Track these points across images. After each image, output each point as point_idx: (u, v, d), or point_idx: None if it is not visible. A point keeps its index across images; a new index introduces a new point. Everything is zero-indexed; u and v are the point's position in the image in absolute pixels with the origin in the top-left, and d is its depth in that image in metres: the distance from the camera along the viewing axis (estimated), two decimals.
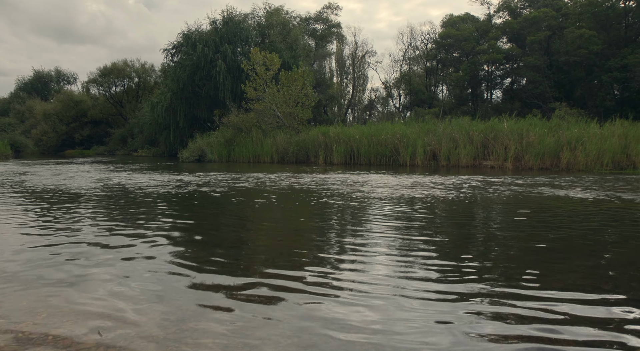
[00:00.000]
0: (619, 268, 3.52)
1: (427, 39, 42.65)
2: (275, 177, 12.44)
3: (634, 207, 6.78)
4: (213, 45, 30.47)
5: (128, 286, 3.11)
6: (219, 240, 4.62)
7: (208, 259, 3.79)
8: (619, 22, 32.23)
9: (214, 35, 31.06)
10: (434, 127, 19.73)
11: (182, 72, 30.76)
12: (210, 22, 32.37)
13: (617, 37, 31.83)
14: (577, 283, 3.14)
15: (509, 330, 2.37)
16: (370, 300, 2.80)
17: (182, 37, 32.46)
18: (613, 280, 3.22)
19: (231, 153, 23.69)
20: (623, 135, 16.03)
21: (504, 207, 6.94)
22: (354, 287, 3.05)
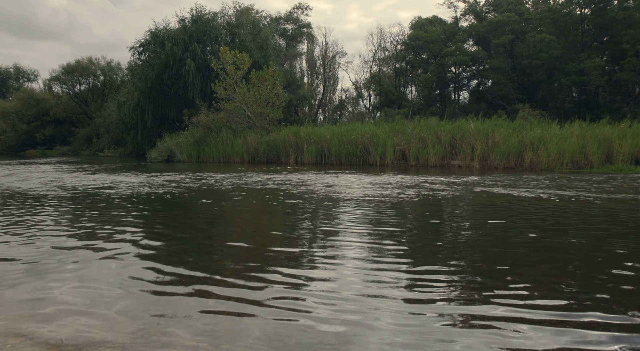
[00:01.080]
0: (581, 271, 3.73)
1: (396, 41, 43.28)
2: (246, 178, 12.40)
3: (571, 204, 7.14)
4: (182, 43, 30.02)
5: (92, 291, 3.02)
6: (188, 241, 4.57)
7: (176, 262, 3.73)
8: (576, 28, 33.64)
9: (182, 34, 30.60)
10: (404, 128, 20.07)
11: (150, 71, 30.16)
12: (179, 21, 31.90)
13: (574, 42, 33.20)
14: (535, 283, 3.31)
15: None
16: (342, 304, 2.80)
17: (149, 35, 31.83)
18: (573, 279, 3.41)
19: (201, 153, 23.41)
20: (581, 136, 16.75)
21: (462, 206, 7.17)
22: (325, 288, 3.08)
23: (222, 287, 3.06)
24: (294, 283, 3.14)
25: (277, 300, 2.80)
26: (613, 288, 3.03)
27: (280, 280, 3.22)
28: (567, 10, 33.34)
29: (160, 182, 11.03)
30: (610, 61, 32.62)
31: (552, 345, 2.21)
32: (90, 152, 39.63)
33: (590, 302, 2.77)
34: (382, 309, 2.63)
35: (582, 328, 2.41)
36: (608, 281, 3.18)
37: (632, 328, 2.40)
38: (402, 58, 41.05)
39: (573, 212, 6.38)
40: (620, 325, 2.44)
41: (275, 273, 3.37)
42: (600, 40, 33.62)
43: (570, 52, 31.78)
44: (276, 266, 3.58)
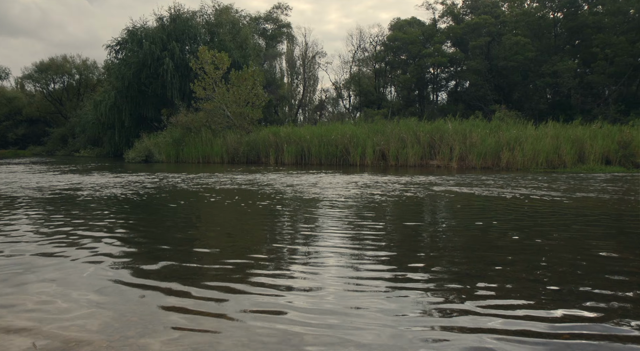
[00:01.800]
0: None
1: (375, 42, 43.63)
2: (225, 178, 12.34)
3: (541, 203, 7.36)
4: (160, 42, 29.64)
5: (67, 294, 2.94)
6: (165, 243, 4.51)
7: (154, 263, 3.68)
8: (549, 32, 34.54)
9: (161, 33, 30.21)
10: (383, 128, 20.25)
11: (127, 70, 29.68)
12: (157, 19, 31.48)
13: (548, 45, 34.06)
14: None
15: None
16: (323, 305, 2.80)
17: (126, 33, 31.32)
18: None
19: (180, 153, 23.16)
20: (555, 137, 17.18)
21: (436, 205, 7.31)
22: (305, 289, 3.08)
23: (199, 290, 3.02)
24: (273, 287, 3.12)
25: (256, 305, 2.77)
26: (589, 285, 3.15)
27: (259, 283, 3.19)
28: (541, 14, 34.19)
29: (138, 183, 10.88)
30: (582, 64, 33.57)
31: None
32: (66, 152, 38.77)
33: (567, 298, 2.88)
34: (362, 315, 2.63)
35: (558, 322, 2.50)
36: (582, 278, 3.30)
37: (601, 320, 2.51)
38: (382, 59, 41.40)
39: (534, 210, 6.56)
40: (590, 318, 2.54)
41: (254, 277, 3.33)
42: (572, 43, 34.58)
43: (544, 55, 32.58)
44: (254, 269, 3.55)
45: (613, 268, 3.54)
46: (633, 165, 16.31)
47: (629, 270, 3.49)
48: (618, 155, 16.62)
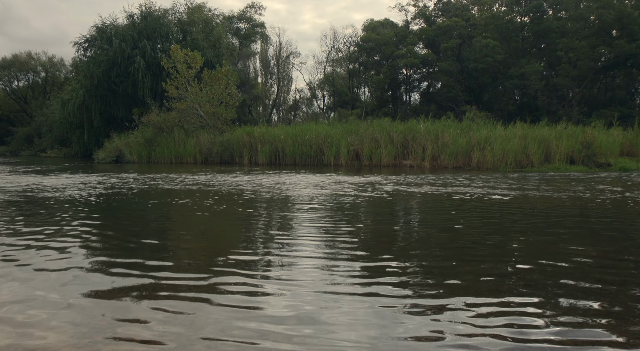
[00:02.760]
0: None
1: (349, 42, 43.91)
2: (198, 178, 12.23)
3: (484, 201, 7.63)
4: (131, 40, 29.04)
5: (35, 297, 2.88)
6: (137, 245, 4.46)
7: (125, 265, 3.64)
8: (517, 35, 35.55)
9: (131, 30, 29.60)
10: (357, 128, 20.43)
11: (96, 68, 28.96)
12: (128, 16, 30.83)
13: (516, 48, 35.06)
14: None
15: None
16: (300, 306, 2.83)
17: (95, 30, 30.55)
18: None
19: (152, 154, 22.79)
20: (523, 137, 17.71)
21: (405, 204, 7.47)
22: (280, 289, 3.09)
23: (173, 292, 3.00)
24: (247, 285, 3.14)
25: (231, 302, 2.79)
26: (551, 282, 3.30)
27: (234, 282, 3.20)
28: (509, 18, 35.14)
29: (108, 184, 10.68)
30: (548, 67, 34.69)
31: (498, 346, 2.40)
32: (31, 153, 37.52)
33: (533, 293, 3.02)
34: (339, 308, 2.70)
35: (524, 316, 2.63)
36: (544, 274, 3.45)
37: (563, 312, 2.65)
38: (355, 59, 41.71)
39: (498, 209, 6.80)
40: (555, 313, 2.68)
41: (229, 275, 3.35)
42: (539, 46, 35.68)
43: (512, 57, 33.51)
44: (229, 267, 3.57)
45: (579, 264, 3.72)
46: (595, 164, 16.98)
47: (593, 265, 3.68)
48: (581, 155, 17.27)
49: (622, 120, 23.62)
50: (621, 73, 33.44)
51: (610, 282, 3.20)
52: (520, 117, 24.46)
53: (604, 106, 31.08)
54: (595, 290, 3.03)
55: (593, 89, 34.09)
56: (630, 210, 6.76)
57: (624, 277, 3.33)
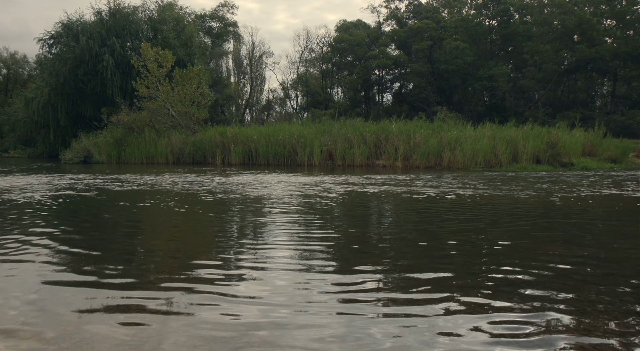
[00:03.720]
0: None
1: (322, 43, 44.10)
2: (169, 179, 12.07)
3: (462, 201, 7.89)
4: (99, 38, 28.32)
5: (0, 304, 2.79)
6: (106, 247, 4.36)
7: (93, 268, 3.55)
8: (485, 38, 36.54)
9: (99, 27, 28.87)
10: (330, 128, 20.53)
11: (62, 66, 28.13)
12: (95, 13, 30.04)
13: (484, 50, 36.01)
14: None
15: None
16: (271, 303, 2.85)
17: (61, 26, 29.64)
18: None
19: (122, 154, 22.30)
20: (492, 137, 18.19)
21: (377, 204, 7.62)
22: (251, 290, 3.09)
23: (142, 298, 2.93)
24: (220, 288, 3.12)
25: (203, 306, 2.76)
26: (526, 277, 3.45)
27: (206, 286, 3.18)
28: (478, 21, 36.05)
29: (76, 185, 10.42)
30: (515, 69, 35.77)
31: (475, 337, 2.50)
32: None
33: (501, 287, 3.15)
34: (311, 310, 2.72)
35: (498, 311, 2.75)
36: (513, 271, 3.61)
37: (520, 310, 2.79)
38: (328, 60, 41.93)
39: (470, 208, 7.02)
40: (520, 309, 2.82)
41: (200, 280, 3.31)
42: (506, 49, 36.75)
43: (481, 59, 34.40)
44: (200, 270, 3.53)
45: (545, 259, 3.89)
46: (559, 164, 17.62)
47: (557, 261, 3.86)
48: (547, 155, 17.88)
49: (584, 121, 24.58)
50: (582, 76, 34.84)
51: (573, 276, 3.38)
52: (489, 118, 25.11)
53: (567, 108, 32.28)
54: (562, 286, 3.19)
55: (557, 91, 35.36)
56: (594, 207, 7.08)
57: (584, 268, 3.52)
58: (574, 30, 32.39)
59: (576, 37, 32.84)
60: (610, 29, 33.54)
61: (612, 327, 2.45)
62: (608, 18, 33.49)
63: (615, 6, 32.83)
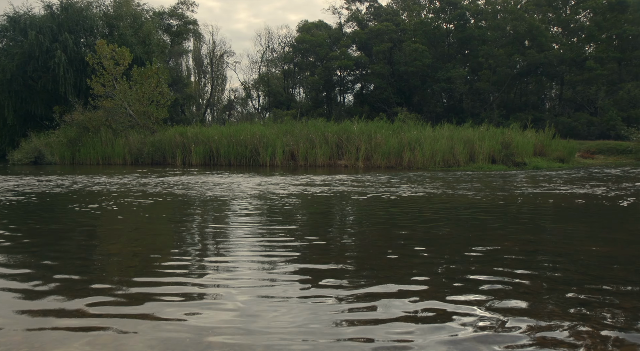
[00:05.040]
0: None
1: (284, 43, 44.04)
2: (126, 180, 11.77)
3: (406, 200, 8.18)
4: (50, 33, 27.14)
5: None
6: (59, 251, 4.24)
7: (45, 273, 3.43)
8: (443, 41, 37.62)
9: (50, 22, 27.67)
10: (292, 128, 20.58)
11: (8, 61, 26.77)
12: (45, 7, 28.76)
13: (442, 53, 37.08)
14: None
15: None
16: (237, 305, 2.86)
17: (7, 20, 28.21)
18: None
19: (76, 154, 21.50)
20: (450, 138, 18.77)
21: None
22: (213, 293, 3.06)
23: (98, 303, 2.84)
24: (181, 289, 3.09)
25: (163, 309, 2.71)
26: (480, 273, 3.63)
27: (166, 287, 3.15)
28: (436, 25, 37.05)
29: (23, 186, 9.98)
30: (471, 72, 37.03)
31: (430, 335, 2.62)
32: None
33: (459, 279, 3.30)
34: (274, 312, 2.72)
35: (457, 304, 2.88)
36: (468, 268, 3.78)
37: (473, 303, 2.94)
38: (290, 60, 41.92)
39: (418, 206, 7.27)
40: (480, 300, 2.97)
41: (159, 283, 3.28)
42: (463, 52, 37.97)
43: (439, 62, 35.38)
44: (159, 273, 3.49)
45: (498, 256, 4.10)
46: (513, 163, 18.40)
47: (509, 257, 4.08)
48: (501, 155, 18.63)
49: (535, 123, 25.76)
50: (533, 80, 36.51)
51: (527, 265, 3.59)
52: (447, 119, 25.87)
53: (520, 110, 33.72)
54: (518, 274, 3.38)
55: (510, 94, 36.85)
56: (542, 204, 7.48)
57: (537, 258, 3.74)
58: (524, 36, 33.87)
59: (527, 43, 34.37)
60: (557, 35, 35.31)
61: (565, 319, 2.64)
62: (555, 25, 35.24)
63: (560, 15, 34.59)
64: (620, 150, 24.30)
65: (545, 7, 33.77)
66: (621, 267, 3.65)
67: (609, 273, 3.45)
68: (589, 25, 34.08)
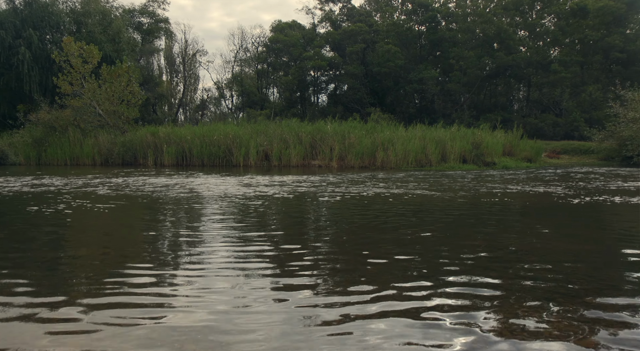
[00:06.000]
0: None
1: (257, 42, 43.78)
2: (95, 181, 11.50)
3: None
4: (12, 28, 26.22)
5: None
6: (26, 256, 4.12)
7: (15, 281, 3.34)
8: (415, 42, 38.16)
9: (12, 17, 26.73)
10: (266, 128, 20.50)
11: None
12: (7, 2, 27.75)
13: (415, 54, 37.61)
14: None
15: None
16: (208, 304, 2.88)
17: None
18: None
19: (42, 155, 20.82)
20: (422, 138, 19.07)
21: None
22: (185, 296, 3.02)
23: (67, 306, 2.79)
24: (152, 292, 3.05)
25: (134, 312, 2.67)
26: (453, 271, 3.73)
27: (141, 289, 3.12)
28: (408, 26, 37.55)
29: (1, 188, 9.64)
30: (442, 73, 37.69)
31: (399, 326, 2.69)
32: None
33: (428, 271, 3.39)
34: (247, 317, 2.70)
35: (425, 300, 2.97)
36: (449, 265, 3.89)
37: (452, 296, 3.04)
38: (264, 60, 41.69)
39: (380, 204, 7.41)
40: (450, 293, 3.07)
41: (130, 285, 3.23)
42: (434, 54, 38.61)
43: (411, 63, 35.86)
44: (130, 276, 3.45)
45: (468, 253, 4.23)
46: (483, 163, 18.87)
47: (476, 253, 4.21)
48: (472, 155, 19.07)
49: (504, 123, 26.45)
50: (502, 82, 37.45)
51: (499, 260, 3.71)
52: (420, 119, 26.28)
53: (490, 110, 34.53)
54: (488, 271, 3.50)
55: (480, 95, 37.69)
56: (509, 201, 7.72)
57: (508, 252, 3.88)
58: (493, 39, 34.72)
59: (496, 45, 35.22)
60: (524, 39, 36.35)
61: (531, 312, 2.75)
62: (522, 29, 36.27)
63: (527, 19, 35.64)
64: (584, 150, 25.24)
65: (513, 11, 34.69)
66: (583, 263, 3.83)
67: (572, 269, 3.62)
68: (553, 30, 35.24)
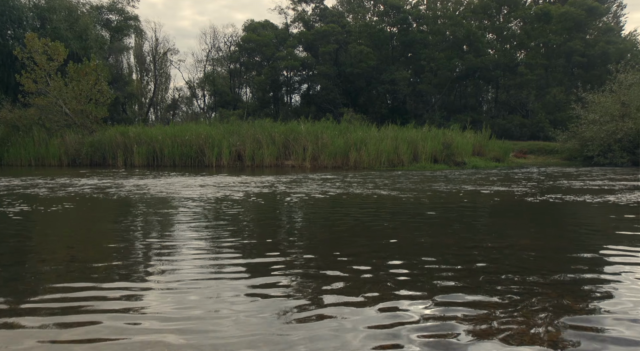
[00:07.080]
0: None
1: (230, 42, 43.40)
2: (57, 182, 11.19)
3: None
4: None
5: None
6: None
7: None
8: (387, 44, 38.62)
9: None
10: (239, 129, 20.37)
11: None
12: None
13: (387, 55, 38.05)
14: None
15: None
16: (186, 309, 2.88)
17: None
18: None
19: (4, 155, 20.12)
20: (394, 138, 19.33)
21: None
22: (155, 303, 2.93)
23: (29, 315, 2.67)
24: (126, 297, 2.99)
25: (103, 319, 2.59)
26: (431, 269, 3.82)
27: (114, 291, 3.07)
28: (380, 27, 37.97)
29: None
30: (414, 74, 38.27)
31: (376, 321, 2.74)
32: None
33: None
34: (221, 323, 2.69)
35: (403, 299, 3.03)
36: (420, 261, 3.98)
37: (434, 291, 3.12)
38: (236, 59, 41.38)
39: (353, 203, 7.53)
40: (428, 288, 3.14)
41: (105, 282, 3.20)
42: (406, 55, 39.17)
43: (383, 64, 36.28)
44: (104, 282, 3.36)
45: (445, 251, 4.33)
46: (453, 163, 19.27)
47: (453, 252, 4.33)
48: (443, 155, 19.45)
49: (474, 124, 27.08)
50: (471, 83, 38.36)
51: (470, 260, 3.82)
52: (392, 120, 26.61)
53: (460, 111, 35.29)
54: (457, 268, 3.60)
55: (450, 96, 38.47)
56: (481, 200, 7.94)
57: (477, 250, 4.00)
58: (463, 41, 35.53)
59: (465, 47, 36.04)
60: (492, 41, 37.32)
61: (499, 308, 2.86)
62: (490, 32, 37.23)
63: (495, 22, 36.62)
64: (548, 150, 26.14)
65: (481, 14, 35.57)
66: (548, 259, 3.99)
67: (537, 265, 3.76)
68: (519, 33, 36.31)
